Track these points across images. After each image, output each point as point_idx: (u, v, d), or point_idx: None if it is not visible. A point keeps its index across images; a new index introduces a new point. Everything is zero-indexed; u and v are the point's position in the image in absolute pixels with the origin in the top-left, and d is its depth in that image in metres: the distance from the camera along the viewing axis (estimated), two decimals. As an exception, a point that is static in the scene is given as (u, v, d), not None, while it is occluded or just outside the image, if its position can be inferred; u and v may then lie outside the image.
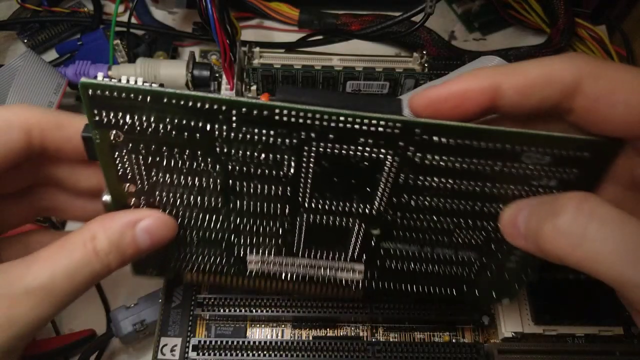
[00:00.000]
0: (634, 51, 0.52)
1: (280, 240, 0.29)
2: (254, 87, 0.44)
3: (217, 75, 0.45)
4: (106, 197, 0.26)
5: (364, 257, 0.30)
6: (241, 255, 0.30)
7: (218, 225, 0.28)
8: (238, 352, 0.34)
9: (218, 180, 0.25)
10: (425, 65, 0.43)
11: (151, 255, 0.28)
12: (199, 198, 0.26)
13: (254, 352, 0.34)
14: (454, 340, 0.36)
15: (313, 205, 0.26)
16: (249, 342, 0.34)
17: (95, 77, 0.22)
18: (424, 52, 0.44)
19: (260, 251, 0.30)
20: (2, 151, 0.24)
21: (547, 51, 0.49)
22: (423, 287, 0.31)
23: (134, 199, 0.26)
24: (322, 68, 0.42)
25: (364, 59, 0.44)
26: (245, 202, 0.26)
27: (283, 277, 0.31)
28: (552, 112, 0.22)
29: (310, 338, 0.36)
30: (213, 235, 0.29)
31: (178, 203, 0.26)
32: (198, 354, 0.34)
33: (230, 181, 0.25)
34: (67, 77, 0.44)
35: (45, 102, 0.42)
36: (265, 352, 0.34)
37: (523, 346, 0.35)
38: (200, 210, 0.27)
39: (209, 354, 0.34)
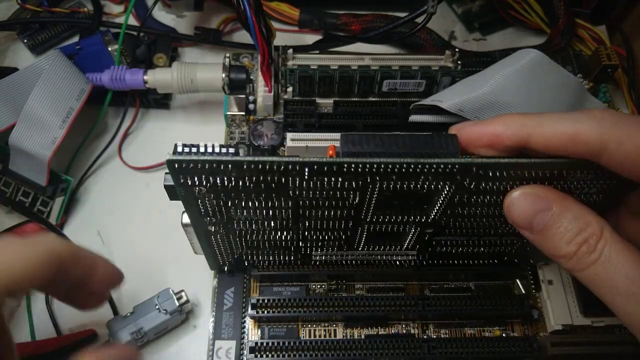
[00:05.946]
0: (634, 51, 0.52)
1: (342, 242, 0.32)
2: (290, 89, 0.44)
3: (251, 78, 0.45)
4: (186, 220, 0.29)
5: (417, 247, 0.33)
6: (307, 252, 0.33)
7: (288, 238, 0.31)
8: (292, 352, 0.34)
9: (290, 210, 0.27)
10: (458, 62, 0.44)
11: (225, 256, 0.33)
12: (272, 222, 0.29)
13: (308, 352, 0.34)
14: (504, 335, 0.37)
15: (374, 219, 0.29)
16: (302, 343, 0.34)
17: (175, 148, 0.24)
18: (456, 50, 0.44)
19: (324, 249, 0.33)
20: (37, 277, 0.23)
21: (547, 51, 0.49)
22: (468, 261, 0.35)
23: (213, 227, 0.29)
24: (359, 68, 0.42)
25: (398, 58, 0.44)
26: (312, 222, 0.29)
27: (343, 263, 0.35)
28: None
29: (363, 337, 0.37)
30: (283, 244, 0.32)
31: (254, 227, 0.29)
32: (256, 356, 0.34)
33: (301, 210, 0.27)
34: (97, 83, 0.43)
35: (66, 107, 0.41)
36: (319, 352, 0.34)
37: (574, 338, 0.35)
38: (272, 229, 0.29)
39: (265, 356, 0.34)
